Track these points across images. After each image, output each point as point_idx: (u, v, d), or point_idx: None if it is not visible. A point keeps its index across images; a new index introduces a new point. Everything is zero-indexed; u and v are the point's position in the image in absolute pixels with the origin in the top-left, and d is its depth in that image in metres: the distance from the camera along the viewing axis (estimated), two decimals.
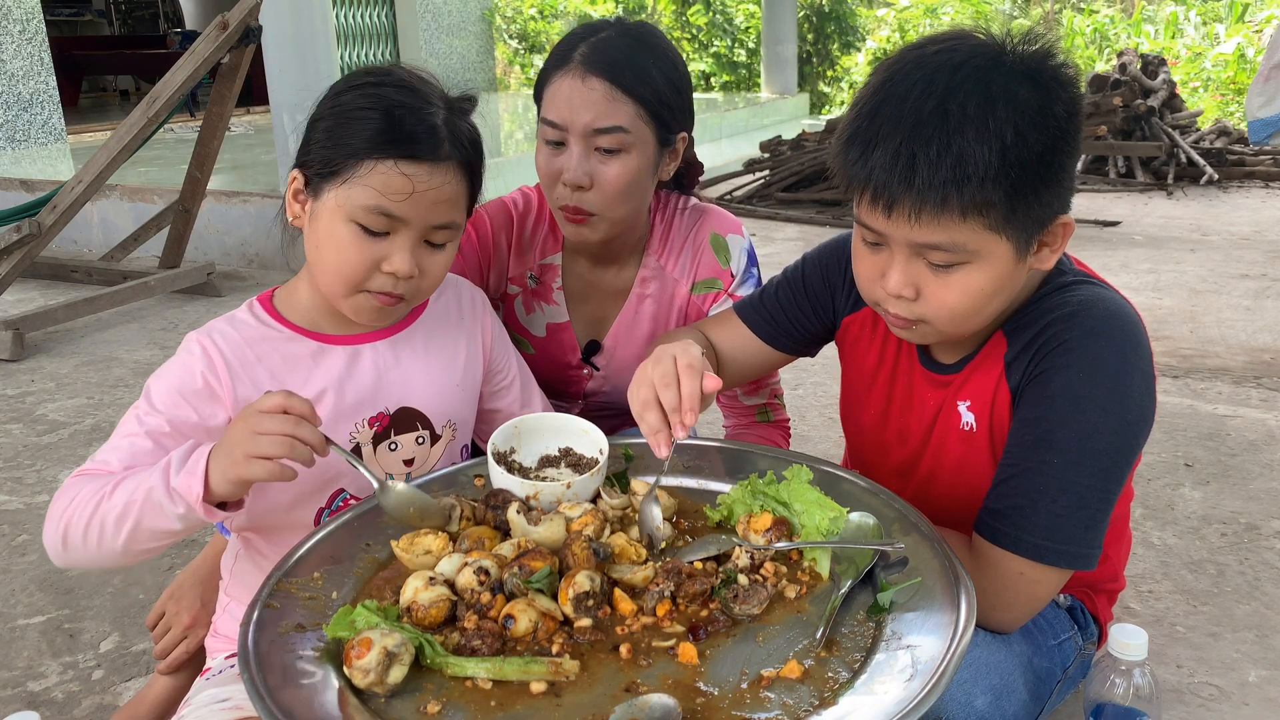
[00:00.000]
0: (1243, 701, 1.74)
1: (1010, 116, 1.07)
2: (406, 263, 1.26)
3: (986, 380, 1.28)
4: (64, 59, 9.50)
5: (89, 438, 3.10)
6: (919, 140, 1.08)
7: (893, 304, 1.21)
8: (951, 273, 1.15)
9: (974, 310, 1.18)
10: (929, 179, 1.08)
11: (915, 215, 1.10)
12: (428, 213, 1.26)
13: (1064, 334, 1.20)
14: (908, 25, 13.20)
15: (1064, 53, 1.15)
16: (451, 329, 1.48)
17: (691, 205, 1.82)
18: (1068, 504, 1.17)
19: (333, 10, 8.26)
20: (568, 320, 1.81)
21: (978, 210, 1.09)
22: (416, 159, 1.24)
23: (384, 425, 1.39)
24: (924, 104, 1.09)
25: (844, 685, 0.94)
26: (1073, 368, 1.18)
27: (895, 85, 1.12)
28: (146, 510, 1.13)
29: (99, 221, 5.67)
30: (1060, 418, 1.18)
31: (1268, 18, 10.92)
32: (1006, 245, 1.13)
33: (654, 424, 1.22)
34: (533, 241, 1.79)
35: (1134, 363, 1.19)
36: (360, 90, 1.28)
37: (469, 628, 1.02)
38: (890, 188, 1.10)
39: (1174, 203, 6.46)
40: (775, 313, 1.54)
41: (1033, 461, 1.19)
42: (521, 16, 13.55)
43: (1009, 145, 1.07)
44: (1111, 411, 1.17)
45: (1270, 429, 2.92)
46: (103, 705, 1.84)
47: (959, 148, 1.07)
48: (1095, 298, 1.23)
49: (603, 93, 1.55)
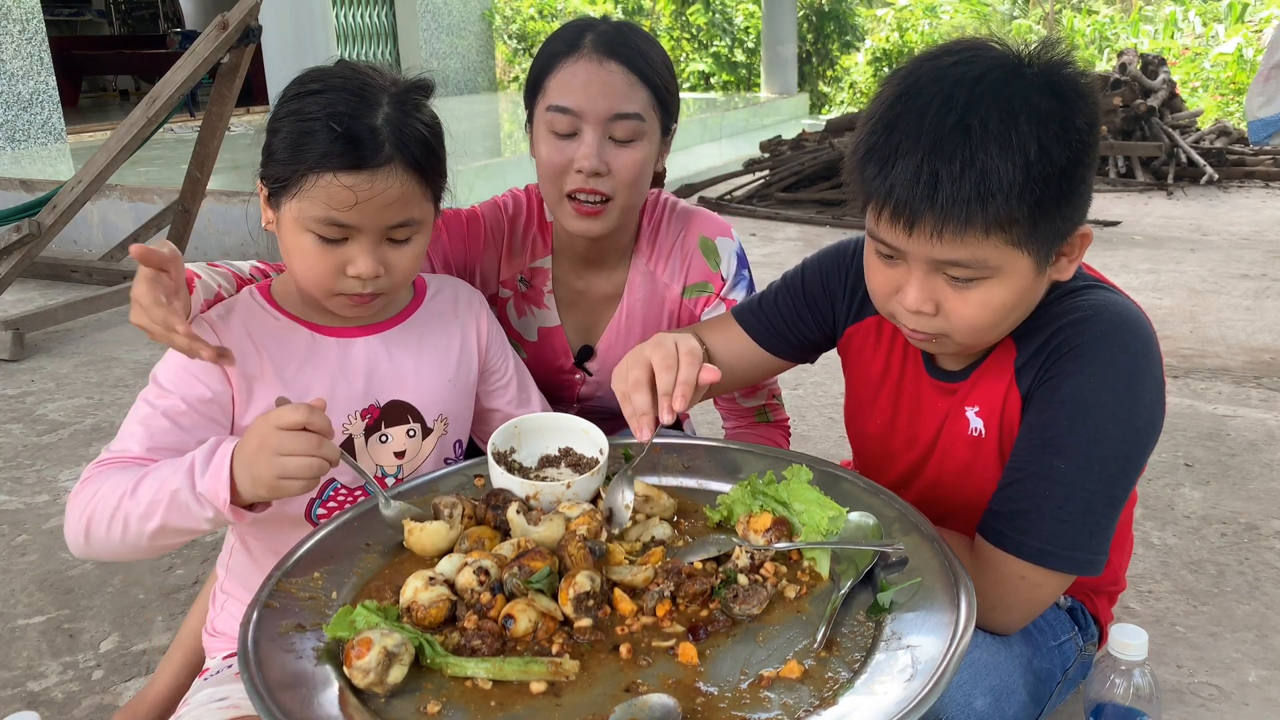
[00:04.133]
0: (1243, 701, 1.74)
1: (1033, 131, 1.05)
2: (369, 264, 1.27)
3: (996, 386, 1.27)
4: (64, 59, 9.50)
5: (89, 438, 3.10)
6: (941, 156, 1.06)
7: (911, 319, 1.19)
8: (971, 288, 1.13)
9: (993, 324, 1.17)
10: (953, 196, 1.05)
11: (938, 233, 1.08)
12: (378, 216, 1.26)
13: (1075, 339, 1.18)
14: (907, 25, 13.21)
15: (1081, 62, 1.13)
16: (445, 325, 1.49)
17: (680, 208, 1.80)
18: (1073, 509, 1.16)
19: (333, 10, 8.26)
20: (559, 325, 1.80)
21: (1001, 227, 1.07)
22: (356, 169, 1.22)
23: (375, 417, 1.40)
24: (945, 118, 1.06)
25: (844, 685, 0.94)
26: (1084, 373, 1.16)
27: (913, 98, 1.10)
28: (172, 511, 1.15)
29: (99, 221, 5.67)
30: (1069, 423, 1.17)
31: (1267, 18, 10.92)
32: (1028, 260, 1.12)
33: (641, 405, 1.21)
34: (524, 244, 1.78)
35: (1145, 369, 1.17)
36: (301, 100, 1.27)
37: (469, 628, 1.02)
38: (912, 205, 1.08)
39: (1174, 203, 6.46)
40: (774, 319, 1.52)
41: (1039, 466, 1.18)
42: (521, 16, 13.55)
43: (1033, 161, 1.05)
44: (1121, 418, 1.16)
45: (1270, 429, 2.92)
46: (103, 705, 1.84)
47: (983, 164, 1.05)
48: (1106, 303, 1.21)
49: (622, 77, 1.53)
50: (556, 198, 1.61)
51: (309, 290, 1.33)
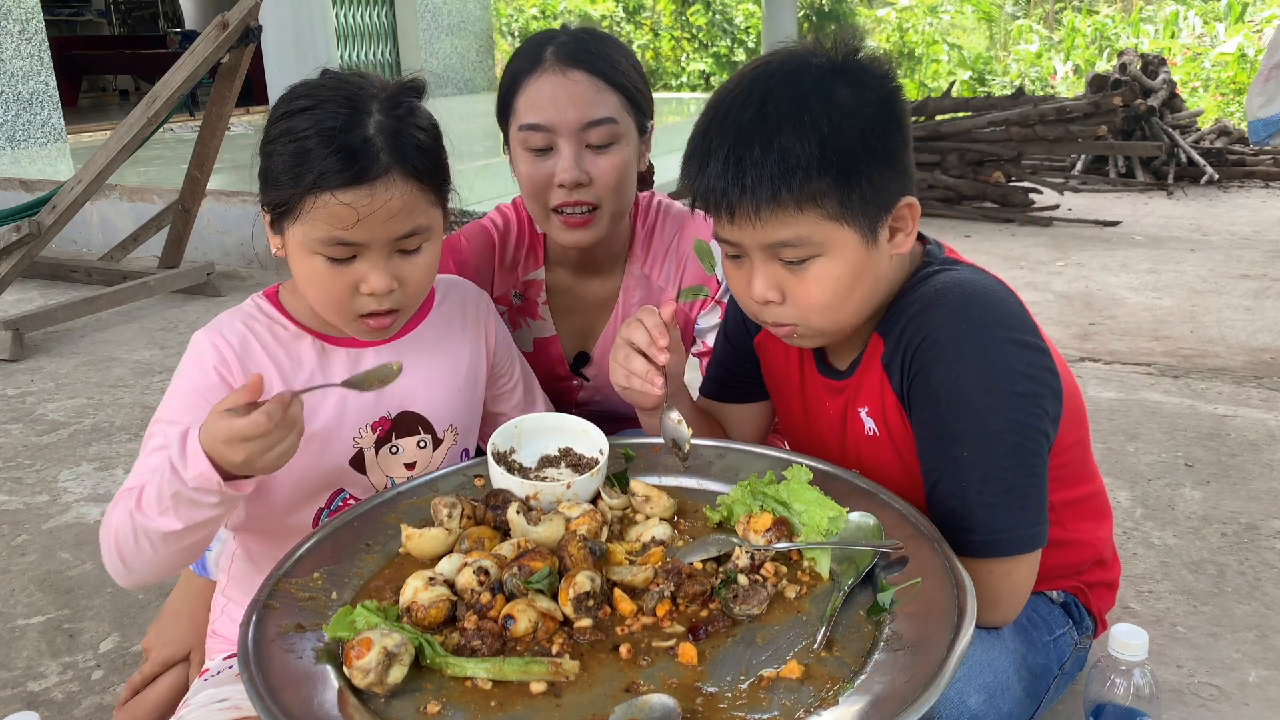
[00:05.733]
0: (1243, 701, 1.74)
1: (824, 109, 1.14)
2: (381, 280, 1.24)
3: (873, 384, 1.30)
4: (64, 59, 9.49)
5: (89, 438, 3.10)
6: (744, 144, 1.15)
7: (765, 312, 1.25)
8: (807, 268, 1.19)
9: (837, 302, 1.21)
10: (758, 178, 1.14)
11: (754, 215, 1.16)
12: (384, 229, 1.22)
13: (925, 327, 1.20)
14: (908, 25, 13.21)
15: (872, 49, 1.21)
16: (455, 333, 1.47)
17: (674, 211, 1.79)
18: (994, 491, 1.17)
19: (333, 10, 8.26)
20: (554, 334, 1.79)
21: (811, 201, 1.15)
22: (354, 184, 1.19)
23: (386, 429, 1.39)
24: (744, 113, 1.17)
25: (844, 685, 0.94)
26: (941, 359, 1.18)
27: (720, 103, 1.21)
28: (183, 510, 1.12)
29: (99, 221, 5.67)
30: (951, 411, 1.18)
31: (1268, 18, 10.92)
32: (850, 233, 1.18)
33: (640, 369, 1.30)
34: (515, 260, 1.77)
35: (1000, 335, 1.18)
36: (290, 119, 1.23)
37: (469, 628, 1.02)
38: (727, 194, 1.16)
39: (1174, 202, 6.46)
40: (725, 372, 1.58)
41: (946, 461, 1.19)
42: (524, 15, 13.55)
43: (827, 136, 1.13)
44: (994, 390, 1.16)
45: (1270, 429, 2.92)
46: (103, 705, 1.84)
47: (780, 145, 1.13)
48: (950, 283, 1.23)
49: (587, 84, 1.53)
50: (543, 213, 1.61)
51: (327, 316, 1.31)
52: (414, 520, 1.23)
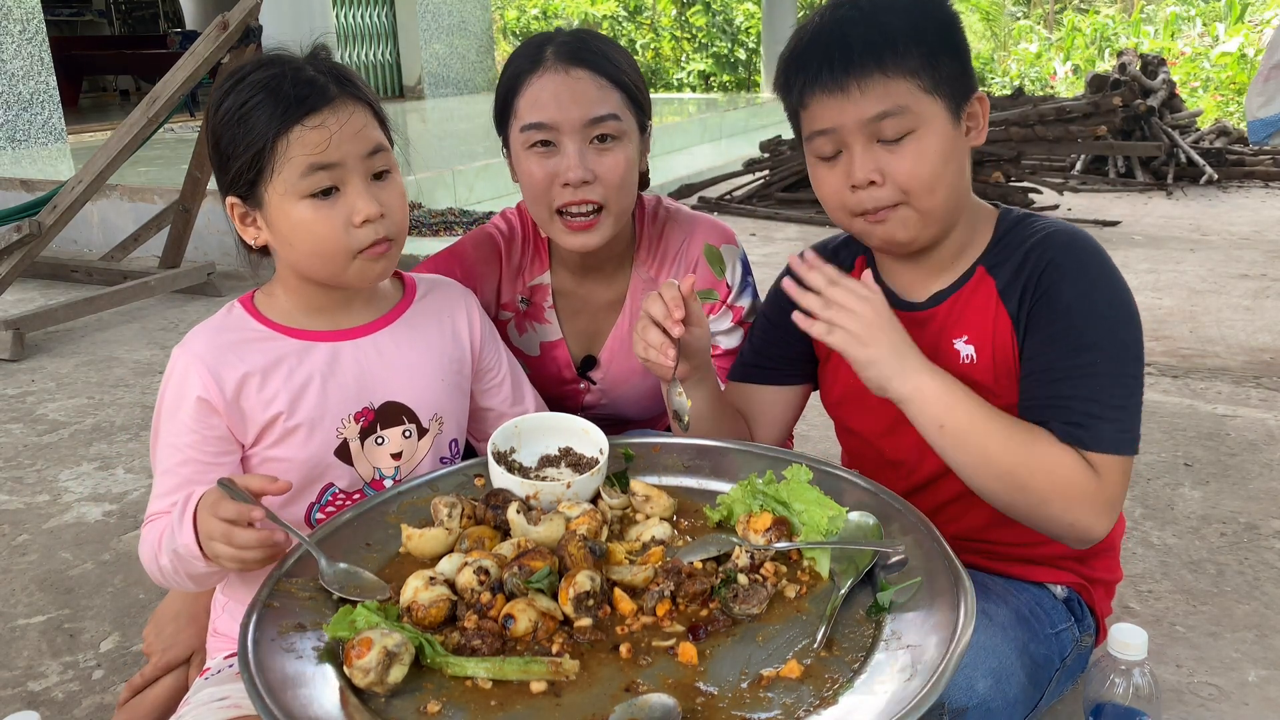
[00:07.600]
0: (1243, 701, 1.74)
1: (908, 5, 1.30)
2: (370, 203, 1.29)
3: (983, 314, 1.36)
4: (64, 59, 9.49)
5: (89, 438, 3.10)
6: (846, 22, 1.29)
7: (866, 199, 1.31)
8: (904, 145, 1.28)
9: (933, 178, 1.29)
10: (863, 47, 1.26)
11: (860, 85, 1.26)
12: (354, 145, 1.29)
13: (1047, 254, 1.32)
14: None
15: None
16: (434, 324, 1.48)
17: (682, 214, 1.78)
18: (1124, 394, 1.27)
19: (333, 10, 8.26)
20: (561, 338, 1.78)
21: (910, 72, 1.27)
22: (316, 110, 1.27)
23: (369, 420, 1.40)
24: (839, 11, 1.30)
25: (844, 685, 0.94)
26: (1067, 279, 1.30)
27: (808, 24, 1.34)
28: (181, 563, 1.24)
29: (99, 221, 5.67)
30: (1084, 322, 1.28)
31: (1269, 18, 10.92)
32: (942, 109, 1.29)
33: (655, 340, 1.36)
34: (521, 265, 1.76)
35: (1111, 266, 1.32)
36: (233, 94, 1.30)
37: (469, 627, 1.02)
38: (832, 67, 1.27)
39: (1174, 203, 6.46)
40: (761, 352, 1.60)
41: (1079, 365, 1.27)
42: (526, 15, 13.55)
43: (917, 19, 1.29)
44: (1120, 304, 1.30)
45: (1270, 429, 2.92)
46: (103, 705, 1.84)
47: (879, 21, 1.27)
48: (1054, 222, 1.38)
49: (591, 82, 1.53)
50: (547, 216, 1.59)
51: (324, 269, 1.32)
52: (414, 520, 1.23)
